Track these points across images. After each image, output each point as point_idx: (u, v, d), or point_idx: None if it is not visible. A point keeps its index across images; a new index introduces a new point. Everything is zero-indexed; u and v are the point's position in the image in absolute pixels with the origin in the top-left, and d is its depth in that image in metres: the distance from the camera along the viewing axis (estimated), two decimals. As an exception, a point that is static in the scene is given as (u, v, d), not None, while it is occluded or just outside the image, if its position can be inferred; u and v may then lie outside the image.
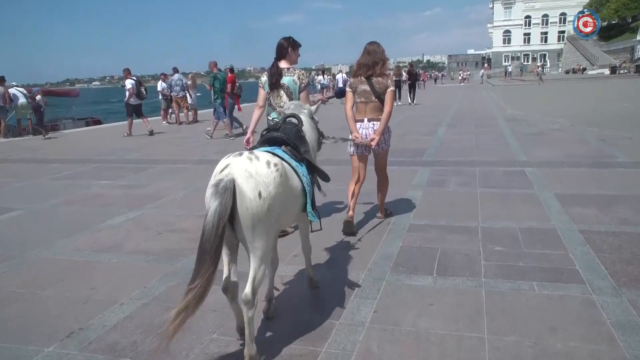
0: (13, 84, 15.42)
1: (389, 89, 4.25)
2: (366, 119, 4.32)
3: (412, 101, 20.91)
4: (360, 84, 4.31)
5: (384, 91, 4.25)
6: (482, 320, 2.71)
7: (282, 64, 4.16)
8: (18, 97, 14.26)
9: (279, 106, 4.08)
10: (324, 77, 28.10)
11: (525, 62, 71.99)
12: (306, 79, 4.19)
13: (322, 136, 3.30)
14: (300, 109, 3.13)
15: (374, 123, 4.29)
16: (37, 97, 13.90)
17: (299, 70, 4.19)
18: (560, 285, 3.11)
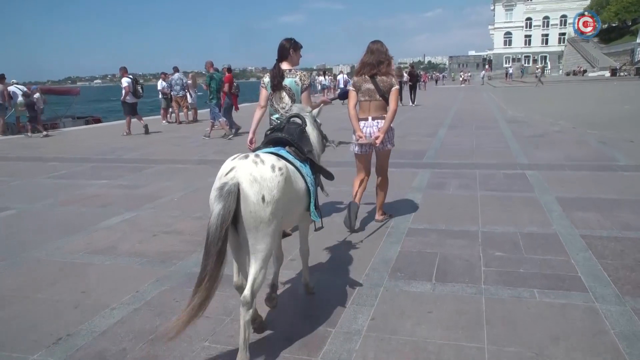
0: (13, 81, 15.31)
1: (394, 87, 4.24)
2: (370, 118, 4.31)
3: (413, 102, 20.88)
4: (364, 83, 4.29)
5: (388, 90, 4.24)
6: (482, 330, 2.64)
7: (284, 66, 4.15)
8: (17, 95, 14.18)
9: (281, 107, 4.09)
10: (325, 78, 28.09)
11: (526, 64, 71.88)
12: (308, 80, 4.18)
13: (326, 139, 3.30)
14: (303, 110, 3.14)
15: (378, 121, 4.28)
16: (36, 95, 13.82)
17: (301, 71, 4.19)
18: (562, 292, 3.04)
